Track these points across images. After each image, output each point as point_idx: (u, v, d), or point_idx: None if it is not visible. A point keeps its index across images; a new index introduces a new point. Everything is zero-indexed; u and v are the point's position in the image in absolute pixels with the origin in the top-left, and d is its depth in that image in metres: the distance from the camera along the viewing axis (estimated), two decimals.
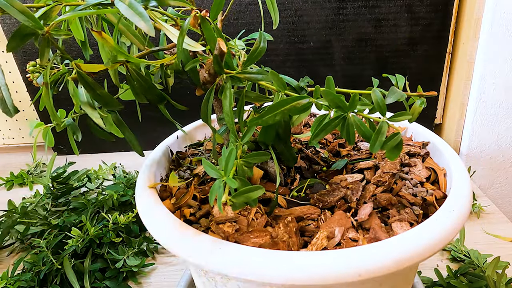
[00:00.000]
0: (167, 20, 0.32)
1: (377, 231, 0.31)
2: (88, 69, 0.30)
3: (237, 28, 0.82)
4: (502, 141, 0.86)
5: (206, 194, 0.38)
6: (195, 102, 0.36)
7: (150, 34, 0.25)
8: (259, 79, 0.32)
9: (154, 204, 0.34)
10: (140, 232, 0.68)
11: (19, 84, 0.91)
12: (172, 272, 0.62)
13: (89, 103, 0.31)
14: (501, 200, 0.93)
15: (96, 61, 0.29)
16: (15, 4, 0.26)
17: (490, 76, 0.79)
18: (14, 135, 1.00)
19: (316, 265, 0.26)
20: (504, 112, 0.83)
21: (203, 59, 0.32)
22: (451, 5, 0.79)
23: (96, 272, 0.59)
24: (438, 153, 0.41)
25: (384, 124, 0.28)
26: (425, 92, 0.35)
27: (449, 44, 0.84)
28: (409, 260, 0.26)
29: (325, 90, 0.29)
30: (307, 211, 0.34)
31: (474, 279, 0.53)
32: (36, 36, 0.27)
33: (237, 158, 0.30)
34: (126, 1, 0.25)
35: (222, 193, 0.26)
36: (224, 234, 0.31)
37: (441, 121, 0.93)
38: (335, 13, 0.80)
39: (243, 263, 0.27)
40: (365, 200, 0.35)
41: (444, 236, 0.28)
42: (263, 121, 0.30)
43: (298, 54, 0.85)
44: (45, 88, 0.30)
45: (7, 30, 0.83)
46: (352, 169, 0.41)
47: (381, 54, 0.85)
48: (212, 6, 0.31)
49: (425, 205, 0.34)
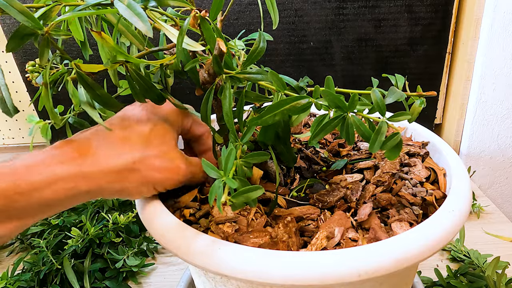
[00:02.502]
0: (167, 20, 0.32)
1: (377, 231, 0.31)
2: (88, 69, 0.30)
3: (237, 28, 0.82)
4: (502, 141, 0.86)
5: (205, 194, 0.38)
6: (195, 102, 0.36)
7: (148, 35, 0.25)
8: (258, 79, 0.32)
9: (154, 204, 0.34)
10: (140, 232, 0.68)
11: (19, 84, 0.91)
12: (172, 272, 0.62)
13: (89, 102, 0.31)
14: (501, 200, 0.93)
15: (96, 61, 0.29)
16: (15, 4, 0.26)
17: (490, 76, 0.79)
18: (14, 135, 1.00)
19: (315, 265, 0.26)
20: (504, 112, 0.83)
21: (202, 59, 0.32)
22: (451, 5, 0.79)
23: (96, 272, 0.59)
24: (438, 153, 0.41)
25: (384, 124, 0.28)
26: (425, 92, 0.35)
27: (449, 44, 0.84)
28: (408, 260, 0.26)
29: (325, 90, 0.29)
30: (306, 211, 0.34)
31: (474, 279, 0.53)
32: (35, 36, 0.27)
33: (236, 158, 0.30)
34: (125, 1, 0.25)
35: (222, 193, 0.26)
36: (223, 234, 0.31)
37: (441, 121, 0.93)
38: (335, 13, 0.80)
39: (243, 263, 0.27)
40: (365, 200, 0.35)
41: (443, 236, 0.28)
42: (263, 121, 0.30)
43: (298, 54, 0.85)
44: (44, 88, 0.30)
45: (7, 30, 0.83)
46: (352, 169, 0.41)
47: (381, 54, 0.84)
48: (212, 6, 0.31)
49: (425, 205, 0.34)
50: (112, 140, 0.31)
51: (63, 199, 0.28)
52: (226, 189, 0.26)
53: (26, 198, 0.26)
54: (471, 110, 0.84)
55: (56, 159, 0.28)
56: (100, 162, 0.30)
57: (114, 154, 0.30)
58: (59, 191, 0.28)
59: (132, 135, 0.32)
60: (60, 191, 0.28)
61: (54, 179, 0.28)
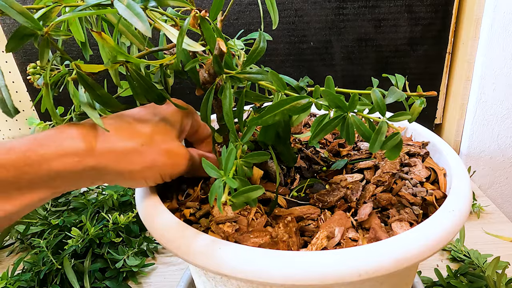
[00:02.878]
0: (167, 20, 0.32)
1: (377, 231, 0.31)
2: (88, 69, 0.30)
3: (237, 28, 0.82)
4: (502, 141, 0.86)
5: (206, 194, 0.38)
6: (195, 102, 0.36)
7: (147, 35, 0.25)
8: (258, 79, 0.32)
9: (154, 204, 0.34)
10: (140, 232, 0.68)
11: (19, 84, 0.91)
12: (172, 272, 0.62)
13: (89, 103, 0.31)
14: (501, 200, 0.93)
15: (97, 62, 0.29)
16: (14, 5, 0.26)
17: (490, 76, 0.79)
18: (14, 135, 1.00)
19: (316, 265, 0.26)
20: (504, 112, 0.83)
21: (202, 59, 0.32)
22: (451, 5, 0.79)
23: (96, 272, 0.59)
24: (438, 153, 0.41)
25: (384, 124, 0.28)
26: (425, 92, 0.35)
27: (449, 44, 0.84)
28: (409, 260, 0.26)
29: (325, 90, 0.29)
30: (307, 211, 0.34)
31: (474, 279, 0.53)
32: (35, 36, 0.27)
33: (237, 158, 0.30)
34: (125, 1, 0.25)
35: (222, 193, 0.26)
36: (224, 234, 0.31)
37: (441, 121, 0.93)
38: (335, 13, 0.80)
39: (243, 263, 0.27)
40: (365, 200, 0.35)
41: (443, 236, 0.28)
42: (263, 121, 0.30)
43: (298, 54, 0.85)
44: (45, 89, 0.30)
45: (7, 30, 0.83)
46: (352, 169, 0.41)
47: (381, 54, 0.85)
48: (212, 6, 0.31)
49: (425, 205, 0.34)
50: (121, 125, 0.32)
51: (70, 172, 0.29)
52: (226, 189, 0.27)
53: (36, 169, 0.27)
54: (471, 110, 0.84)
55: (66, 134, 0.30)
56: (110, 140, 0.31)
57: (123, 136, 0.32)
58: (67, 163, 0.29)
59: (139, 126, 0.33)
60: (68, 164, 0.29)
61: (63, 152, 0.29)
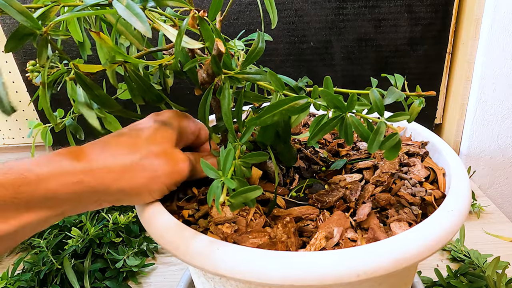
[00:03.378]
0: (166, 21, 0.32)
1: (376, 231, 0.31)
2: (86, 69, 0.30)
3: (237, 28, 0.82)
4: (502, 141, 0.86)
5: (205, 194, 0.38)
6: (195, 102, 0.36)
7: (147, 35, 0.25)
8: (257, 79, 0.32)
9: (153, 205, 0.34)
10: (140, 232, 0.68)
11: (19, 84, 0.91)
12: (172, 272, 0.62)
13: (87, 103, 0.31)
14: (501, 200, 0.93)
15: (96, 61, 0.29)
16: (14, 4, 0.26)
17: (490, 76, 0.79)
18: (14, 135, 1.00)
19: (314, 265, 0.26)
20: (504, 112, 0.83)
21: (201, 59, 0.32)
22: (451, 5, 0.79)
23: (96, 272, 0.59)
24: (437, 153, 0.41)
25: (382, 124, 0.28)
26: (424, 92, 0.35)
27: (449, 44, 0.84)
28: (407, 260, 0.26)
29: (323, 90, 0.29)
30: (305, 211, 0.34)
31: (474, 279, 0.53)
32: (34, 36, 0.27)
33: (235, 158, 0.30)
34: (124, 1, 0.25)
35: (220, 193, 0.26)
36: (222, 234, 0.31)
37: (441, 121, 0.93)
38: (335, 13, 0.80)
39: (242, 264, 0.27)
40: (364, 200, 0.35)
41: (443, 236, 0.28)
42: (261, 121, 0.30)
43: (298, 54, 0.85)
44: (42, 88, 0.30)
45: (7, 30, 0.83)
46: (351, 169, 0.41)
47: (381, 54, 0.84)
48: (211, 6, 0.31)
49: (424, 205, 0.34)
50: (118, 143, 0.33)
51: (69, 193, 0.29)
52: (225, 189, 0.26)
53: (33, 188, 0.27)
54: (471, 110, 0.84)
55: (63, 156, 0.30)
56: (106, 159, 0.31)
57: (120, 154, 0.32)
58: (66, 185, 0.28)
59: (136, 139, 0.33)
60: (66, 185, 0.29)
61: (60, 172, 0.28)
